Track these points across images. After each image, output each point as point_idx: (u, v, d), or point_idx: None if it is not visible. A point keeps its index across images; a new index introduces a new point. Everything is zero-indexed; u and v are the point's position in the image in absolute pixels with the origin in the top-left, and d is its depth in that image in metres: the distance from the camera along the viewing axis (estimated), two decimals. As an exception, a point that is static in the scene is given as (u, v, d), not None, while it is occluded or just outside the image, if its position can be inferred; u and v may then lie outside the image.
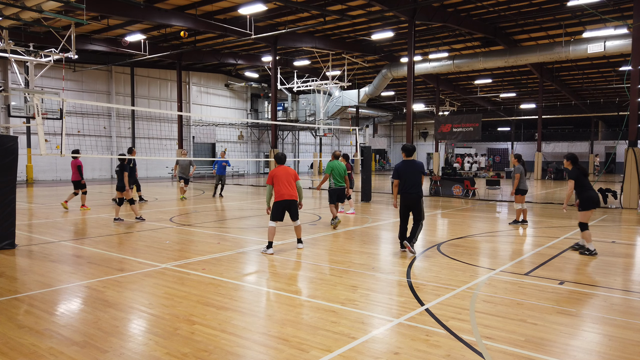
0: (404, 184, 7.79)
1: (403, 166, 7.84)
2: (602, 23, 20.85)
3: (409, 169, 7.81)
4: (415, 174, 7.77)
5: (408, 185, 7.77)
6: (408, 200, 7.80)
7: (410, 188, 7.77)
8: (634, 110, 14.54)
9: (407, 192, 7.78)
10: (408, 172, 7.78)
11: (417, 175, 7.79)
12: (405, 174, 7.77)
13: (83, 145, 27.30)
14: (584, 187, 7.96)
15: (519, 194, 11.08)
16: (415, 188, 7.77)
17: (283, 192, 7.80)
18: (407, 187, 7.78)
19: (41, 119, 8.57)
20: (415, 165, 7.85)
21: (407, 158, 7.93)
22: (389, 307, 5.14)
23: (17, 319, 4.70)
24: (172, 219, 11.94)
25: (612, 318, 4.84)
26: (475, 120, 18.45)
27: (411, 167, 7.82)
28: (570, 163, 8.18)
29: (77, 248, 8.23)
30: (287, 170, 7.94)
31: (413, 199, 7.77)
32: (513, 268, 6.91)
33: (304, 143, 43.63)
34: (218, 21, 21.23)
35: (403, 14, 18.65)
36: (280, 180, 7.83)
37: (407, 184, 7.78)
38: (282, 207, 7.86)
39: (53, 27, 17.06)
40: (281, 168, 7.96)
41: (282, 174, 7.86)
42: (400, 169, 7.81)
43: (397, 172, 7.83)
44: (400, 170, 7.81)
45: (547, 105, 41.61)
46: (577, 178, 7.99)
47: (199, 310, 4.96)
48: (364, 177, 16.81)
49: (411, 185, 7.76)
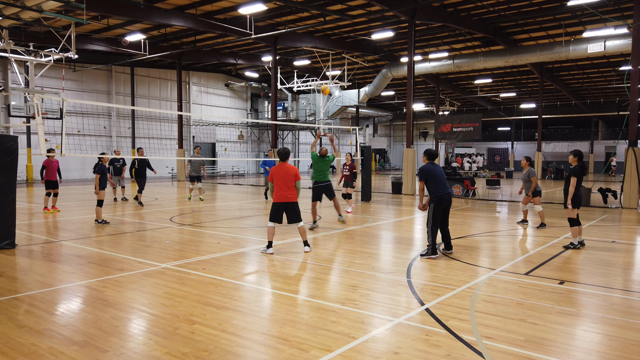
0: (438, 185, 7.51)
1: (431, 167, 7.61)
2: (602, 23, 20.84)
3: (437, 170, 7.63)
4: (442, 175, 7.65)
5: (442, 185, 7.54)
6: (446, 200, 7.58)
7: (445, 188, 7.57)
8: (634, 110, 14.53)
9: (445, 192, 7.56)
10: (437, 172, 7.59)
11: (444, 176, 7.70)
12: (434, 173, 7.54)
13: (83, 145, 27.31)
14: (577, 185, 8.07)
15: (537, 196, 10.96)
16: (448, 188, 7.66)
17: (281, 193, 7.65)
18: (442, 187, 7.54)
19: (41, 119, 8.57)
20: (439, 167, 7.73)
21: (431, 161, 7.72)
22: (389, 306, 5.14)
23: (17, 319, 4.70)
24: (172, 218, 11.94)
25: (612, 318, 4.83)
26: (475, 120, 18.45)
27: (438, 169, 7.66)
28: (577, 160, 8.17)
29: (77, 248, 8.23)
30: (287, 169, 7.69)
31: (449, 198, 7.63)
32: (513, 268, 6.91)
33: (304, 143, 43.62)
34: (218, 21, 21.22)
35: (403, 14, 18.65)
36: (279, 180, 7.65)
37: (441, 184, 7.54)
38: (280, 208, 7.72)
39: (53, 26, 17.04)
40: (282, 166, 7.71)
41: (282, 173, 7.65)
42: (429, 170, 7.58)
43: (424, 173, 7.57)
44: (429, 171, 7.57)
45: (547, 105, 41.60)
46: (579, 176, 8.01)
47: (199, 310, 4.96)
48: (364, 177, 16.82)
49: (445, 185, 7.58)
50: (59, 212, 12.96)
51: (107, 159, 11.47)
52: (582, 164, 8.12)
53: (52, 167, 12.95)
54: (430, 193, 7.56)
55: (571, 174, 8.10)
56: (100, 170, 10.81)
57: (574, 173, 8.05)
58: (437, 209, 7.46)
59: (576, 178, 8.02)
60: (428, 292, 5.68)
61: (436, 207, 7.45)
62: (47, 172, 12.97)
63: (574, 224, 8.17)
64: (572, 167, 8.18)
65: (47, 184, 13.02)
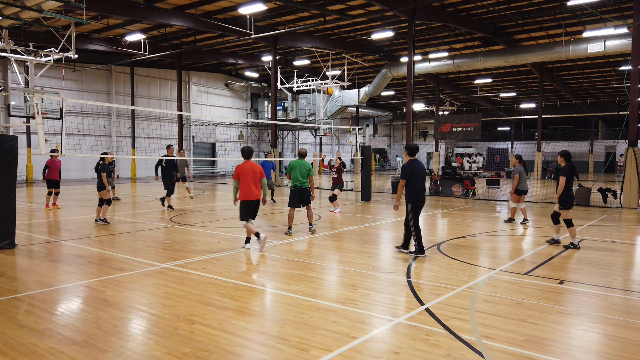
0: (416, 185, 7.46)
1: (414, 166, 7.48)
2: (602, 23, 20.84)
3: (419, 168, 7.49)
4: (422, 174, 7.54)
5: (420, 185, 7.50)
6: (422, 201, 7.58)
7: (422, 189, 7.54)
8: (634, 109, 14.54)
9: (421, 194, 7.53)
10: (418, 172, 7.47)
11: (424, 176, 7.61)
12: (415, 173, 7.44)
13: (83, 145, 27.30)
14: (567, 186, 8.19)
15: (516, 194, 11.18)
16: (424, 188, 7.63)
17: (250, 191, 7.82)
18: (420, 188, 7.50)
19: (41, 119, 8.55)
20: (421, 164, 7.58)
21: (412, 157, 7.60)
22: (389, 306, 5.14)
23: (17, 319, 4.70)
24: (172, 218, 11.94)
25: (612, 318, 4.84)
26: (475, 120, 18.45)
27: (420, 167, 7.52)
28: (564, 160, 8.34)
29: (77, 248, 8.23)
30: (253, 167, 7.89)
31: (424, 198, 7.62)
32: (513, 267, 6.91)
33: (304, 143, 43.61)
34: (218, 21, 21.21)
35: (403, 14, 18.65)
36: (246, 179, 7.81)
37: (419, 184, 7.48)
38: (250, 205, 7.89)
39: (53, 26, 17.05)
40: (248, 164, 7.88)
41: (249, 171, 7.82)
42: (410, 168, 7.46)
43: (406, 172, 7.44)
44: (412, 170, 7.44)
45: (547, 104, 41.59)
46: (569, 176, 8.16)
47: (199, 310, 4.96)
48: (364, 176, 16.80)
49: (423, 185, 7.54)
50: (59, 210, 13.17)
51: (109, 158, 11.76)
52: (570, 164, 8.25)
53: (54, 167, 13.32)
54: (407, 192, 7.54)
55: (560, 174, 8.26)
56: (103, 169, 10.97)
57: (563, 173, 8.20)
58: (415, 209, 7.49)
59: (565, 178, 8.15)
60: (428, 292, 5.68)
61: (414, 207, 7.48)
62: (50, 171, 13.28)
63: (570, 224, 8.29)
64: (562, 167, 8.31)
65: (49, 183, 13.26)
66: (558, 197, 8.26)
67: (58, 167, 13.32)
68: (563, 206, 8.28)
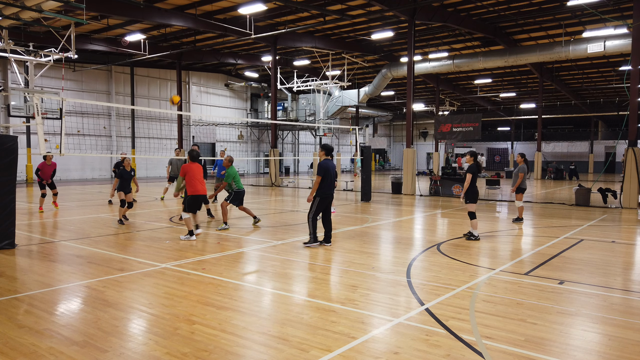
0: (327, 183, 8.24)
1: (329, 165, 8.31)
2: (602, 23, 20.85)
3: (332, 168, 8.33)
4: (334, 173, 8.39)
5: (330, 184, 8.30)
6: (329, 198, 8.37)
7: (332, 187, 8.34)
8: (634, 109, 14.54)
9: (330, 192, 8.32)
10: (332, 170, 8.29)
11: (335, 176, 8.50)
12: (329, 172, 8.22)
13: (83, 145, 27.31)
14: (473, 182, 8.96)
15: (520, 192, 11.26)
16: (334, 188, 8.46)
17: (198, 187, 8.94)
18: (330, 186, 8.29)
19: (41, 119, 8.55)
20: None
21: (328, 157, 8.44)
22: (389, 306, 5.14)
23: (17, 319, 4.70)
24: (172, 218, 11.94)
25: (612, 318, 4.84)
26: (475, 120, 18.44)
27: (332, 166, 8.35)
28: (472, 159, 9.13)
29: (77, 248, 8.23)
30: (198, 167, 9.07)
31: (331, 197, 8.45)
32: (513, 268, 6.91)
33: (303, 143, 43.63)
34: (218, 21, 21.22)
35: (403, 14, 18.65)
36: (194, 177, 8.91)
37: (332, 182, 8.30)
38: (198, 200, 9.03)
39: (53, 26, 17.04)
40: (194, 165, 9.01)
41: (196, 171, 8.96)
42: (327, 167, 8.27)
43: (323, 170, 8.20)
44: (327, 168, 8.22)
45: (547, 105, 41.60)
46: (474, 173, 8.91)
47: (199, 310, 4.96)
48: (364, 177, 16.80)
49: (332, 184, 8.36)
50: (58, 209, 13.19)
51: (128, 163, 11.55)
52: (476, 163, 9.03)
53: (45, 172, 13.07)
54: (319, 188, 8.24)
55: (467, 172, 9.00)
56: (119, 175, 11.10)
57: (469, 170, 8.95)
58: (320, 204, 8.24)
59: (471, 175, 8.90)
60: (428, 292, 5.68)
61: (320, 202, 8.22)
62: (41, 174, 13.12)
63: (473, 217, 9.02)
64: (470, 165, 9.01)
65: (41, 185, 13.16)
66: (464, 193, 9.03)
67: (49, 172, 13.09)
68: (469, 200, 9.03)
